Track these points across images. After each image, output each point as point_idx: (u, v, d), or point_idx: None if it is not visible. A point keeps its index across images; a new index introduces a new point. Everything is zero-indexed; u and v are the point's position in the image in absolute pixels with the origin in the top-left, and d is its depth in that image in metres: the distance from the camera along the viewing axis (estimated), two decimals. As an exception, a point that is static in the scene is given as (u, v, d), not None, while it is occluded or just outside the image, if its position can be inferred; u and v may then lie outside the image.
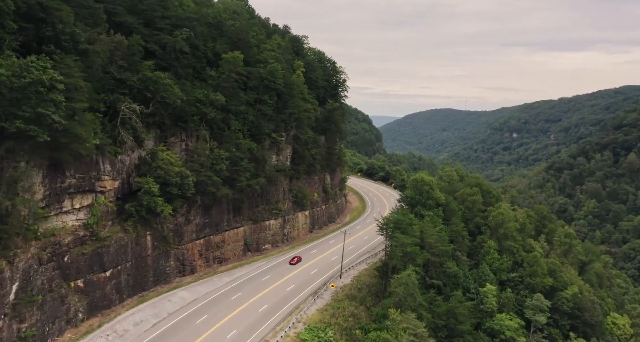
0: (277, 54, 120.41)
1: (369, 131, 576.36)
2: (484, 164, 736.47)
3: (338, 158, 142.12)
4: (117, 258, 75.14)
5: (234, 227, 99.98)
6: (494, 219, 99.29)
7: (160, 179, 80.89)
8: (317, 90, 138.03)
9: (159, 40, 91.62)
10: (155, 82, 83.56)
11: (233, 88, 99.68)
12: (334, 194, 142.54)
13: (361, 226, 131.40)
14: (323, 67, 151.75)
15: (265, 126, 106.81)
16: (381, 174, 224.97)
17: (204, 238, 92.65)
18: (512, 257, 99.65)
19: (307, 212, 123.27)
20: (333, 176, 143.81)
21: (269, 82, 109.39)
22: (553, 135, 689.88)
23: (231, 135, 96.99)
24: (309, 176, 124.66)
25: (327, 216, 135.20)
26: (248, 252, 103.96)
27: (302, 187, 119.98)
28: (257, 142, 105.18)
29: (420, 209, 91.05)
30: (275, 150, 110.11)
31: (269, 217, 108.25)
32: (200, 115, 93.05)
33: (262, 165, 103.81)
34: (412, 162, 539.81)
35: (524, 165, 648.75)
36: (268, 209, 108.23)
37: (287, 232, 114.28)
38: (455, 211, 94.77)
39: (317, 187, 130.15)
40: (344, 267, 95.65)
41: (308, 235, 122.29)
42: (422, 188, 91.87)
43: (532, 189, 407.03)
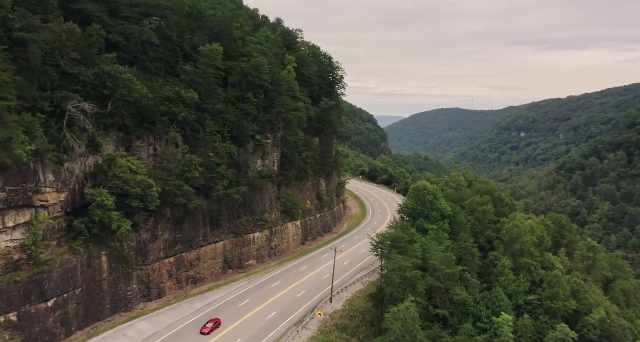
0: (265, 47, 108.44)
1: (374, 131, 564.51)
2: (491, 164, 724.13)
3: (334, 161, 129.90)
4: (63, 284, 63.49)
5: (212, 242, 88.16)
6: (507, 232, 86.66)
7: (117, 190, 69.19)
8: (311, 87, 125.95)
9: (124, 30, 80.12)
10: (113, 77, 72.00)
11: (209, 84, 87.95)
12: (329, 201, 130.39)
13: (359, 237, 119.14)
14: (318, 63, 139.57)
15: (248, 127, 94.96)
16: (384, 176, 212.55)
17: (174, 256, 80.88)
18: (529, 275, 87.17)
19: (298, 222, 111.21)
20: (329, 181, 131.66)
21: (253, 77, 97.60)
22: (562, 134, 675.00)
23: (206, 138, 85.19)
24: (300, 182, 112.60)
25: (321, 225, 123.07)
26: (229, 269, 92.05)
27: (292, 194, 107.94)
28: (238, 146, 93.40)
29: (422, 221, 78.84)
30: (260, 154, 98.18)
31: (253, 229, 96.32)
32: (170, 115, 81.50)
33: (244, 171, 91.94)
34: (418, 163, 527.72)
35: (532, 165, 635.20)
36: (252, 220, 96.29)
37: (275, 246, 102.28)
38: (463, 223, 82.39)
39: (309, 194, 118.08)
40: (335, 288, 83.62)
41: (299, 248, 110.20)
42: (424, 197, 79.50)
43: (543, 190, 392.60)
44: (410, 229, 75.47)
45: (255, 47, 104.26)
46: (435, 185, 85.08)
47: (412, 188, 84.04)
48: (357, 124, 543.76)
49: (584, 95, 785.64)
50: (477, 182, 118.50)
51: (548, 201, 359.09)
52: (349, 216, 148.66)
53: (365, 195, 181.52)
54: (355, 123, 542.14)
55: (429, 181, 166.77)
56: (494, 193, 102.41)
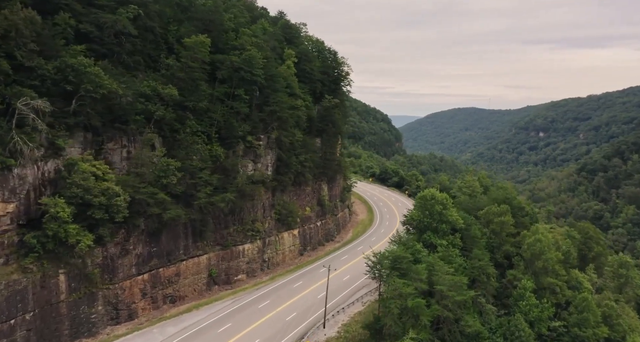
0: (260, 40, 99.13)
1: (388, 131, 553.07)
2: (509, 165, 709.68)
3: (338, 164, 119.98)
4: (9, 309, 54.96)
5: (194, 256, 79.09)
6: (529, 248, 75.74)
7: (77, 200, 60.51)
8: (313, 84, 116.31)
9: (97, 19, 71.55)
10: (77, 71, 63.48)
11: (192, 80, 78.97)
12: (332, 207, 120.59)
13: (363, 246, 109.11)
14: (322, 59, 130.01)
15: (238, 127, 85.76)
16: (395, 179, 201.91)
17: (149, 272, 71.91)
18: (554, 297, 76.35)
19: (296, 231, 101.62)
20: (332, 185, 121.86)
21: (245, 73, 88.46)
22: (582, 134, 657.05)
23: (188, 139, 76.11)
24: (298, 187, 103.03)
25: (323, 233, 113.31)
26: (214, 285, 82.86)
27: (288, 201, 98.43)
28: (226, 148, 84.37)
29: (430, 236, 68.65)
30: (252, 157, 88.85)
31: (242, 240, 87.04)
32: (146, 114, 72.74)
33: (232, 176, 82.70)
34: (433, 164, 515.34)
35: (551, 165, 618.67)
36: (242, 231, 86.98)
37: (269, 258, 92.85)
38: (477, 238, 71.87)
39: (309, 200, 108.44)
40: (331, 309, 73.94)
41: (297, 259, 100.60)
42: (432, 208, 69.21)
43: (563, 192, 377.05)
44: (416, 245, 65.43)
45: (248, 39, 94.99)
46: (444, 194, 74.51)
47: (418, 197, 73.65)
48: (370, 124, 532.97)
49: (605, 94, 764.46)
50: (494, 189, 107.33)
51: (569, 204, 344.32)
52: (354, 223, 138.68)
53: (374, 199, 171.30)
54: (369, 123, 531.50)
55: (441, 185, 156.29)
56: (513, 201, 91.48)
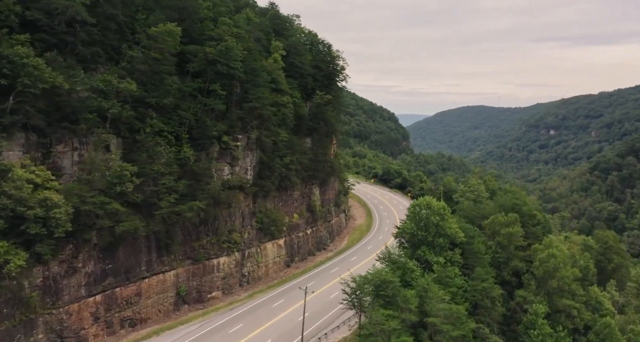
0: (242, 30, 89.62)
1: (395, 130, 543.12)
2: (519, 163, 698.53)
3: (331, 166, 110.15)
4: None
5: (159, 272, 69.88)
6: (541, 265, 65.33)
7: (7, 212, 51.54)
8: (303, 79, 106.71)
9: (47, 6, 62.52)
10: (13, 62, 54.66)
11: (155, 73, 69.72)
12: (325, 213, 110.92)
13: (357, 257, 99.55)
14: (316, 52, 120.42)
15: (212, 126, 76.48)
16: (397, 180, 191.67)
17: (102, 293, 62.75)
18: (570, 321, 66.13)
19: (282, 240, 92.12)
20: (325, 189, 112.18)
21: (221, 65, 79.27)
22: (594, 132, 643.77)
23: (149, 141, 66.80)
24: (284, 192, 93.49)
25: (314, 242, 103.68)
26: (184, 305, 73.57)
27: (272, 208, 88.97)
28: (199, 150, 75.17)
29: (425, 251, 58.81)
30: (228, 159, 79.44)
31: (217, 253, 77.67)
32: (101, 111, 63.73)
33: (203, 182, 73.35)
34: (441, 163, 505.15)
35: (563, 164, 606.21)
36: (216, 242, 77.58)
37: (249, 272, 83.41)
38: (481, 253, 61.88)
39: (298, 206, 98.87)
40: (312, 335, 64.30)
41: (282, 272, 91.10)
42: (428, 220, 59.23)
43: (575, 192, 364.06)
44: (409, 263, 55.80)
45: (228, 29, 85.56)
46: (441, 202, 64.38)
47: (412, 206, 63.56)
48: (377, 122, 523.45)
49: (617, 91, 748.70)
50: (502, 193, 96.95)
51: (582, 204, 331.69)
52: (351, 228, 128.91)
53: (374, 202, 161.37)
54: (376, 122, 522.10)
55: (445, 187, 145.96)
56: (523, 207, 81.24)
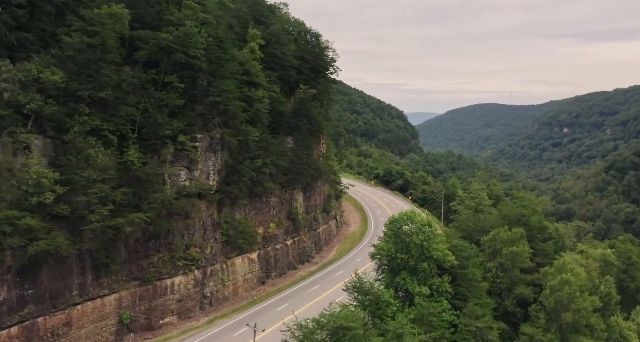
0: (210, 16, 78.58)
1: (403, 128, 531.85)
2: (531, 162, 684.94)
3: (316, 168, 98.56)
4: None
5: (95, 297, 59.01)
6: (552, 294, 52.66)
7: None
8: (285, 71, 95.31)
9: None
10: None
11: (91, 61, 58.88)
12: (310, 221, 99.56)
13: (344, 271, 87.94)
14: (304, 42, 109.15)
15: (165, 124, 65.51)
16: (399, 182, 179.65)
17: (19, 324, 52.03)
18: (588, 363, 54.31)
19: (255, 254, 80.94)
20: (310, 194, 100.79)
21: (180, 54, 68.50)
22: (609, 130, 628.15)
23: (79, 141, 55.93)
24: (257, 199, 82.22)
25: (295, 254, 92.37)
26: (129, 334, 62.63)
27: (241, 218, 77.82)
28: (149, 152, 64.31)
29: (406, 279, 46.92)
30: (185, 162, 68.33)
31: (171, 272, 66.65)
32: (17, 107, 53.31)
33: (151, 189, 62.40)
34: (451, 162, 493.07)
35: (576, 162, 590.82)
36: (170, 260, 66.52)
37: (212, 292, 72.29)
38: (476, 281, 49.74)
39: (275, 214, 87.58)
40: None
41: (255, 290, 79.90)
42: (410, 240, 47.17)
43: (590, 192, 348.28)
44: (384, 294, 44.35)
45: (191, 14, 74.56)
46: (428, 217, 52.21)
47: (390, 221, 51.51)
48: (385, 121, 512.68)
49: (632, 88, 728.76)
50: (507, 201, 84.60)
51: (597, 205, 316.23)
52: (343, 237, 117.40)
53: (372, 206, 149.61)
54: (383, 120, 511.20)
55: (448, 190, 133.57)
56: (531, 218, 68.93)
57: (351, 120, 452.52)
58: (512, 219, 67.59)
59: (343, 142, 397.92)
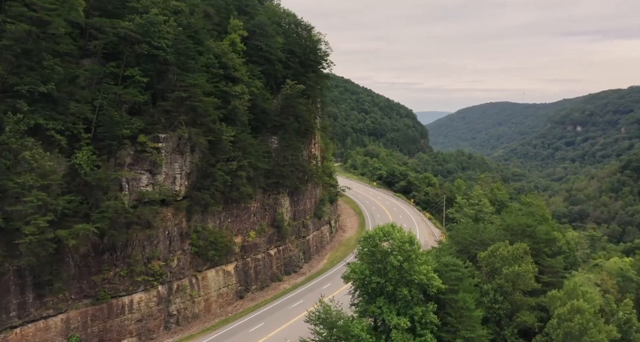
0: (183, 5, 71.42)
1: (412, 127, 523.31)
2: (544, 161, 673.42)
3: (302, 170, 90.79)
4: None
5: (39, 318, 51.95)
6: (561, 325, 44.20)
7: None
8: (271, 66, 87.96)
9: None
10: None
11: (32, 52, 51.96)
12: (298, 227, 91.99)
13: (332, 284, 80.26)
14: (296, 35, 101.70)
15: (124, 123, 58.36)
16: (402, 183, 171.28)
17: (-61, 354, 45.26)
18: None
19: (231, 266, 73.51)
20: (299, 198, 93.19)
21: (142, 45, 61.60)
22: (624, 128, 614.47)
23: (14, 142, 48.85)
24: (234, 206, 74.75)
25: (280, 264, 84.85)
26: (79, 359, 55.59)
27: (215, 226, 70.40)
28: (103, 153, 57.21)
29: (383, 307, 39.01)
30: (147, 165, 61.04)
31: (130, 288, 59.42)
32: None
33: (105, 196, 55.21)
34: (461, 161, 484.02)
35: (590, 162, 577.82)
36: (128, 275, 59.28)
37: (179, 310, 64.96)
38: (470, 309, 41.64)
39: (256, 221, 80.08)
40: None
41: (232, 306, 72.48)
42: (388, 261, 38.96)
43: (605, 193, 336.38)
44: (354, 327, 36.63)
45: (159, 0, 67.60)
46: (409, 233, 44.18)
47: (363, 238, 43.47)
48: (393, 120, 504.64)
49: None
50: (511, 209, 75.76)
51: (612, 207, 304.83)
52: (337, 243, 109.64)
53: (371, 209, 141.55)
54: (392, 119, 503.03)
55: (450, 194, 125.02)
56: (539, 228, 60.42)
57: (359, 120, 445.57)
58: (516, 230, 59.29)
59: (350, 141, 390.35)
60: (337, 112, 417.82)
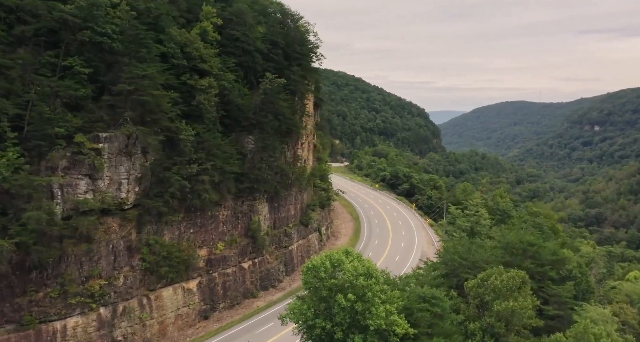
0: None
1: (424, 127, 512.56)
2: (560, 161, 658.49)
3: (282, 174, 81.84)
4: None
5: (-60, 352, 44.05)
6: None
7: None
8: (251, 57, 79.22)
9: None
10: None
11: None
12: (279, 237, 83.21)
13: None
14: (280, 24, 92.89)
15: (58, 120, 50.23)
16: (405, 186, 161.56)
17: None
18: None
19: (194, 283, 64.99)
20: (280, 205, 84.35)
21: (86, 31, 53.65)
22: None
23: None
24: (198, 214, 66.11)
25: (255, 279, 76.10)
26: (-4, 397, 47.53)
27: (173, 238, 61.91)
28: (33, 155, 49.17)
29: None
30: (85, 170, 52.73)
31: (63, 311, 51.12)
32: None
33: (28, 206, 47.02)
34: (474, 161, 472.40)
35: (608, 162, 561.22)
36: (61, 296, 51.00)
37: (127, 335, 56.55)
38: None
39: (227, 231, 71.42)
40: None
41: (193, 328, 63.94)
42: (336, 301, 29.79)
43: (623, 195, 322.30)
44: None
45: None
46: (366, 262, 34.58)
47: (306, 269, 34.39)
48: (404, 119, 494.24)
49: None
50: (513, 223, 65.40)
51: (631, 210, 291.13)
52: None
53: (369, 214, 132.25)
54: (403, 118, 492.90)
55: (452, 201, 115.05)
56: (543, 249, 50.43)
57: (369, 119, 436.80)
58: (516, 249, 49.74)
59: (359, 141, 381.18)
60: (346, 111, 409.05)
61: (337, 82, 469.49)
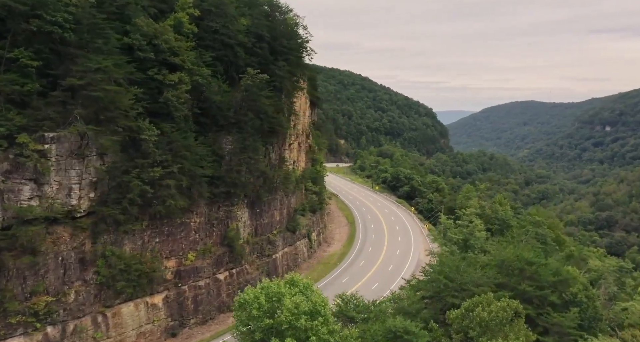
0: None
1: (431, 127, 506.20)
2: (570, 162, 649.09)
3: (265, 176, 75.92)
4: None
5: None
6: None
7: None
8: (231, 50, 73.47)
9: None
10: None
11: None
12: (262, 245, 77.39)
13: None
14: (267, 17, 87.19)
15: None
16: (406, 188, 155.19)
17: None
18: None
19: (159, 297, 59.30)
20: (262, 210, 78.51)
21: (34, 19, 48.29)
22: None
23: None
24: (167, 222, 60.41)
25: (232, 291, 70.13)
26: None
27: (135, 248, 56.25)
28: (-35, 157, 43.64)
29: None
30: (30, 174, 47.15)
31: (3, 332, 45.50)
32: None
33: (-45, 215, 41.51)
34: (482, 162, 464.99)
35: (620, 164, 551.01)
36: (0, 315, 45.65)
37: (79, 357, 51.02)
38: None
39: (200, 240, 65.68)
40: None
41: (157, 347, 58.38)
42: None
43: (635, 198, 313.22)
44: None
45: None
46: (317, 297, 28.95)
47: (238, 305, 28.56)
48: (411, 118, 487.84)
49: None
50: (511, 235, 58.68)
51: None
52: (316, 260, 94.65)
53: (366, 218, 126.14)
54: (410, 118, 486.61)
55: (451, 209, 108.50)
56: (542, 268, 43.73)
57: (375, 118, 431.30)
58: (512, 268, 43.37)
59: (365, 140, 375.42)
60: (352, 111, 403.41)
61: (344, 81, 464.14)
